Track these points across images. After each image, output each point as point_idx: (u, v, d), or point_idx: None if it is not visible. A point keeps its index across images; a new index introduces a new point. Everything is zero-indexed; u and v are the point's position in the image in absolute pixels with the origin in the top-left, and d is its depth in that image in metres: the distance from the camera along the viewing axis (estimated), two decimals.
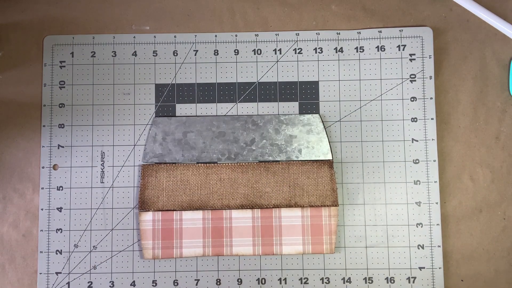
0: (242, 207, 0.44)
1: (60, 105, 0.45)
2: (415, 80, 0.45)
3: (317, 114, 0.45)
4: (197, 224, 0.43)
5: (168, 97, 0.45)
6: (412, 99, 0.45)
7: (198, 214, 0.44)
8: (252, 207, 0.44)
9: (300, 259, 0.44)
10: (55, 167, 0.45)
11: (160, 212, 0.44)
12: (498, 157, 0.45)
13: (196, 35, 0.46)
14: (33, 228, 0.44)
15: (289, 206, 0.44)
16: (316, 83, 0.45)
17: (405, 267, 0.44)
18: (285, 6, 0.46)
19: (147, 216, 0.43)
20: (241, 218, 0.44)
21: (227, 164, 0.44)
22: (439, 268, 0.43)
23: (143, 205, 0.44)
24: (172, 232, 0.43)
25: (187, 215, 0.44)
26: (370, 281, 0.44)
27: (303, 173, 0.44)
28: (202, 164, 0.44)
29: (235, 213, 0.44)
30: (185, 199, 0.44)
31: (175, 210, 0.44)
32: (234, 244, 0.43)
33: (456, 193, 0.44)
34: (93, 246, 0.44)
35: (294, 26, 0.46)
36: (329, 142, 0.44)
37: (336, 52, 0.46)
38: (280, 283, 0.44)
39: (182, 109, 0.45)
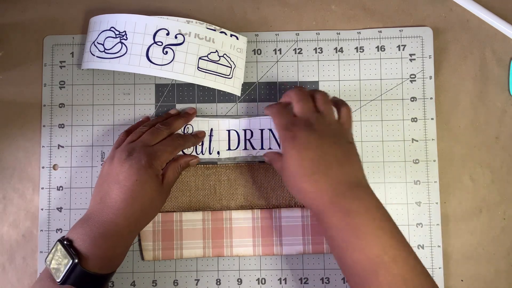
0: (242, 207, 0.44)
1: (60, 105, 0.45)
2: (415, 80, 0.45)
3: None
4: (197, 225, 0.43)
5: (168, 97, 0.45)
6: (412, 99, 0.45)
7: (198, 215, 0.43)
8: (252, 207, 0.44)
9: (300, 259, 0.44)
10: (55, 167, 0.45)
11: (160, 213, 0.43)
12: (498, 157, 0.45)
13: None
14: (33, 228, 0.44)
15: (289, 206, 0.44)
16: (316, 83, 0.45)
17: None
18: (285, 6, 0.46)
19: None
20: (241, 219, 0.43)
21: (226, 165, 0.44)
22: (439, 268, 0.43)
23: None
24: (172, 233, 0.43)
25: (187, 216, 0.43)
26: None
27: None
28: (201, 165, 0.44)
29: (235, 214, 0.44)
30: (185, 200, 0.44)
31: (175, 211, 0.44)
32: (234, 245, 0.43)
33: (456, 193, 0.44)
34: None
35: (294, 26, 0.46)
36: None
37: (336, 52, 0.46)
38: (280, 283, 0.44)
39: (182, 109, 0.45)
